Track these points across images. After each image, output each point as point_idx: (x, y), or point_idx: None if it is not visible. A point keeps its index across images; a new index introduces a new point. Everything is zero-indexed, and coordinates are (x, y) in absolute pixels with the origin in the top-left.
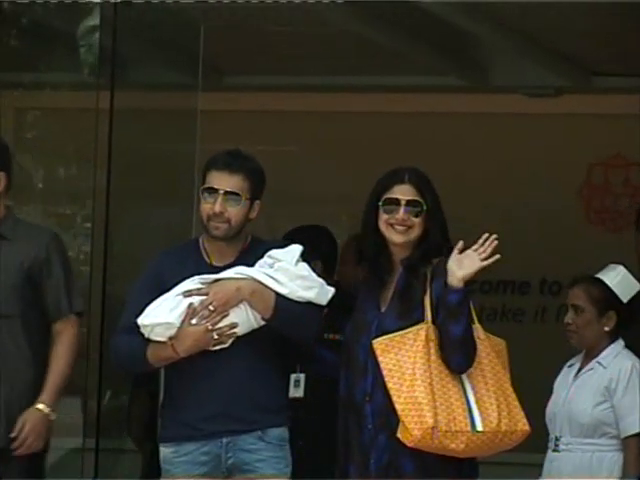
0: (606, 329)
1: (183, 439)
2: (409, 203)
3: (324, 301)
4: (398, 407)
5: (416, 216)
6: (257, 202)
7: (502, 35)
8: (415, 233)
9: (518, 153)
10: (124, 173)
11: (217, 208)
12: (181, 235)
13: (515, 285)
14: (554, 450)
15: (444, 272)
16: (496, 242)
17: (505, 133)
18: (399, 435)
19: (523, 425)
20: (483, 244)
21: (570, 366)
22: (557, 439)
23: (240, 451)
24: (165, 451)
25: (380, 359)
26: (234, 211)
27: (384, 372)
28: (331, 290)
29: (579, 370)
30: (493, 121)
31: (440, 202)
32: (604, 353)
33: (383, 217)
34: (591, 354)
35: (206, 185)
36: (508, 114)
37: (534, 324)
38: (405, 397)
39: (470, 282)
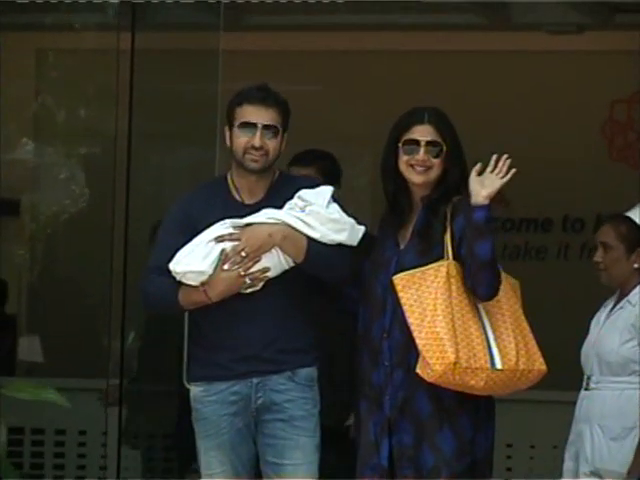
0: (635, 266)
1: (213, 378)
2: (429, 144)
3: (355, 242)
4: (419, 342)
5: (436, 156)
6: (285, 135)
7: None
8: (435, 173)
9: (540, 91)
10: (146, 114)
11: (257, 142)
12: (204, 175)
13: (538, 223)
14: (585, 389)
15: (465, 209)
16: (509, 160)
17: (527, 71)
18: (419, 371)
19: (540, 364)
20: (496, 165)
21: (605, 306)
22: (588, 378)
23: (270, 391)
24: (195, 390)
25: (401, 295)
26: (272, 144)
27: (405, 307)
28: (361, 229)
29: (612, 309)
30: (515, 59)
31: (460, 142)
32: (635, 291)
33: (403, 158)
34: (622, 292)
35: (243, 120)
36: (530, 52)
37: (557, 262)
38: (426, 332)
39: (493, 219)
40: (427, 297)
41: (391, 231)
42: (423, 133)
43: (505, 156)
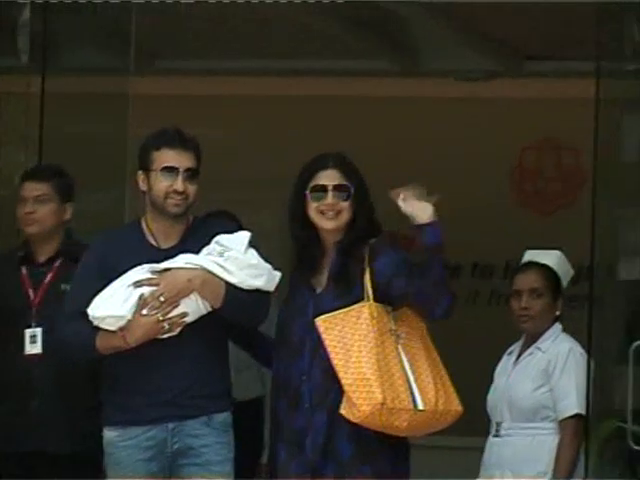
0: (557, 313)
1: (129, 423)
2: (336, 188)
3: (272, 287)
4: (345, 383)
5: (345, 200)
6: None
7: (432, 19)
8: (345, 217)
9: (450, 137)
10: (55, 157)
11: (179, 186)
12: (113, 221)
13: (447, 268)
14: (495, 435)
15: (385, 249)
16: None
17: (437, 117)
18: (343, 412)
19: (457, 405)
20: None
21: (510, 353)
22: (498, 425)
23: (186, 436)
24: (110, 434)
25: (324, 336)
26: (193, 188)
27: (329, 349)
28: (278, 275)
29: (518, 356)
30: (424, 105)
31: (366, 184)
32: (543, 337)
33: (312, 205)
34: (531, 340)
35: (164, 164)
36: (439, 98)
37: (466, 307)
38: (352, 373)
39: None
40: (351, 338)
41: (304, 278)
42: (329, 178)
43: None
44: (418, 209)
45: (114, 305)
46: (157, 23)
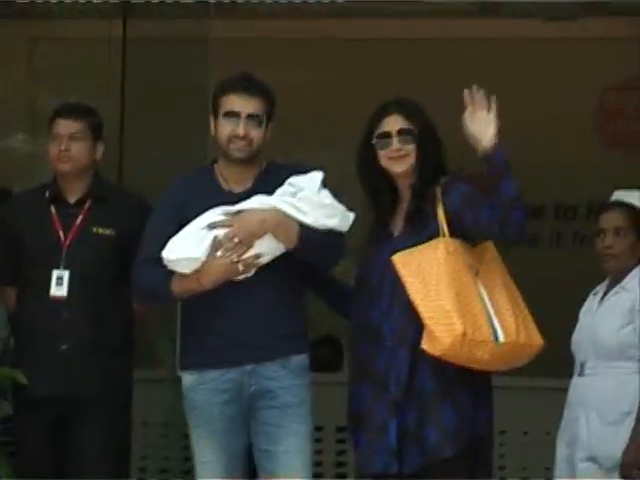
0: None
1: (206, 366)
2: (400, 132)
3: (346, 228)
4: (425, 316)
5: (410, 143)
6: (270, 124)
7: None
8: (412, 159)
9: (530, 78)
10: (138, 102)
11: (241, 131)
12: (196, 164)
13: (530, 210)
14: (579, 375)
15: (455, 184)
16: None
17: (519, 58)
18: (424, 346)
19: (538, 339)
20: (475, 102)
21: (595, 293)
22: (582, 364)
23: (263, 378)
24: (187, 378)
25: (402, 272)
26: (256, 133)
27: (407, 284)
28: (352, 216)
29: (603, 296)
30: (507, 46)
31: (433, 126)
32: (628, 277)
33: (381, 153)
34: (616, 279)
35: (227, 109)
36: (522, 39)
37: (549, 249)
38: (432, 306)
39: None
40: (429, 272)
41: (381, 225)
42: (392, 123)
43: (474, 89)
44: (480, 131)
45: (188, 247)
46: None
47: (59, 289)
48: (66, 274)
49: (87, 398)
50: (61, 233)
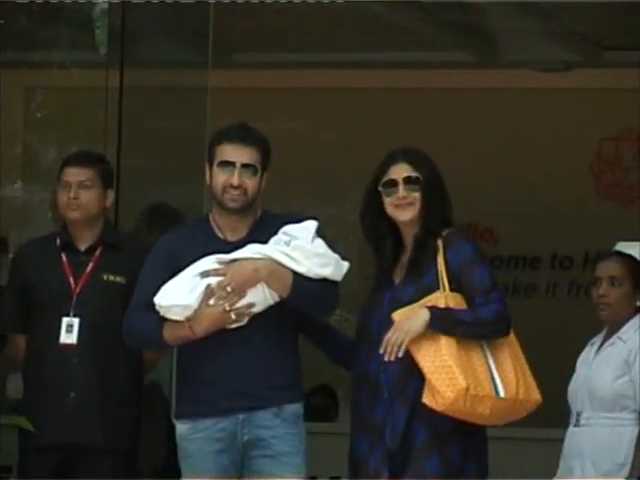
0: (639, 304)
1: (199, 415)
2: (406, 180)
3: (340, 277)
4: (427, 372)
5: (416, 191)
6: (266, 173)
7: (512, 10)
8: (418, 208)
9: (528, 128)
10: (134, 152)
11: (235, 180)
12: (193, 215)
13: (526, 260)
14: (575, 425)
15: (459, 240)
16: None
17: (516, 108)
18: (426, 400)
19: (536, 395)
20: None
21: (592, 344)
22: (578, 415)
23: (256, 427)
24: (181, 427)
25: None
26: (251, 182)
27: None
28: (346, 265)
29: (600, 346)
30: (504, 96)
31: (439, 175)
32: (624, 328)
33: (387, 201)
34: (613, 330)
35: (222, 158)
36: (519, 89)
37: (545, 299)
38: (433, 361)
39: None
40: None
41: (385, 273)
42: (399, 171)
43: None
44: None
45: (181, 294)
46: (234, 17)
47: (69, 337)
48: (76, 322)
49: (93, 447)
50: (72, 280)
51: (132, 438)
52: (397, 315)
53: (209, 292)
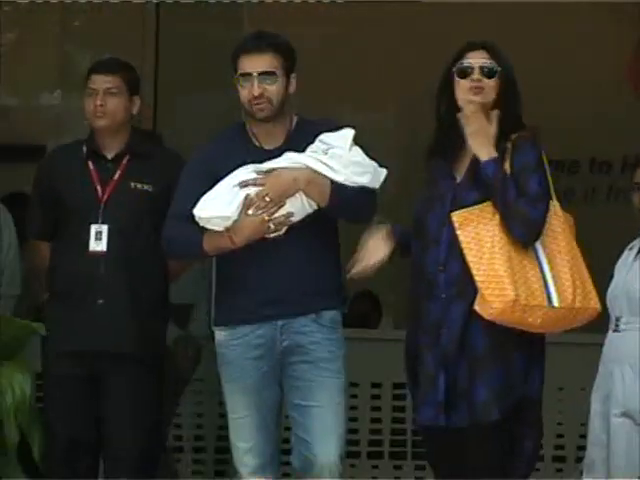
0: None
1: (238, 322)
2: (482, 66)
3: (377, 184)
4: (478, 279)
5: (489, 77)
6: (293, 76)
7: None
8: (490, 95)
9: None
10: (172, 60)
11: (255, 91)
12: (230, 121)
13: (565, 165)
14: (614, 331)
15: (526, 146)
16: None
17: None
18: (477, 307)
19: (595, 303)
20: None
21: (631, 248)
22: (617, 320)
23: (294, 333)
24: (220, 334)
25: (459, 232)
26: (273, 89)
27: (462, 245)
28: (384, 172)
29: (639, 251)
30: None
31: (514, 76)
32: None
33: (460, 82)
34: None
35: (241, 71)
36: None
37: (584, 204)
38: (485, 270)
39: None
40: (485, 234)
41: (444, 166)
42: (476, 57)
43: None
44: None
45: (220, 206)
46: None
47: (98, 244)
48: (105, 229)
49: (120, 353)
50: (99, 188)
51: (159, 346)
52: (456, 215)
53: (248, 202)
